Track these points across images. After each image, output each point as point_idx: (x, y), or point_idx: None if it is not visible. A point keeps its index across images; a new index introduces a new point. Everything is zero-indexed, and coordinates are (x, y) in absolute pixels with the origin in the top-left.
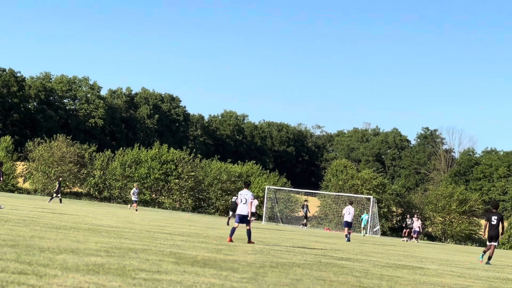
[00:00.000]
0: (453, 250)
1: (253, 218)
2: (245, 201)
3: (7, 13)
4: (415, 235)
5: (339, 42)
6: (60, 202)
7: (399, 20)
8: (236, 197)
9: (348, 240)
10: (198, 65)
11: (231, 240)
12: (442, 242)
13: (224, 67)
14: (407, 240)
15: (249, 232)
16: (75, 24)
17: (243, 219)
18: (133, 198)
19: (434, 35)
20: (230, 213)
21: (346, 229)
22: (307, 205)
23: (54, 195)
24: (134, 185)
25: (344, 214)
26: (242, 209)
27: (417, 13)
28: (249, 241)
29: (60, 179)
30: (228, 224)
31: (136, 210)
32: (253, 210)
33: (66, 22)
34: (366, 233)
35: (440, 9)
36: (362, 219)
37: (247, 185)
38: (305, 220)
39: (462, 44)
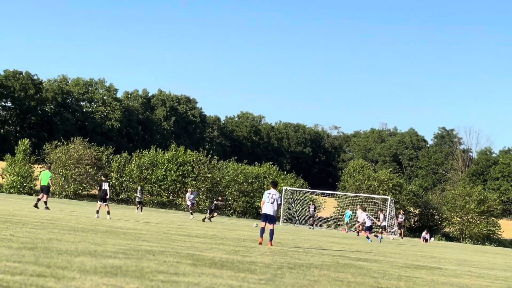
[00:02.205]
0: (471, 250)
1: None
2: (273, 201)
3: (24, 16)
4: (385, 231)
5: (356, 42)
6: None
7: (416, 18)
8: (215, 200)
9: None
10: (214, 66)
11: (261, 243)
12: (460, 242)
13: (240, 68)
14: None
15: (272, 233)
16: (91, 27)
17: (270, 219)
18: (188, 202)
19: (451, 35)
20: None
21: (367, 232)
22: (314, 205)
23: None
24: (189, 190)
25: (364, 219)
26: (268, 209)
27: (433, 11)
28: (270, 243)
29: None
30: (204, 220)
31: (192, 216)
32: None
33: (82, 25)
34: (348, 230)
35: (458, 7)
36: (345, 214)
37: (275, 184)
38: (311, 220)
39: (478, 43)
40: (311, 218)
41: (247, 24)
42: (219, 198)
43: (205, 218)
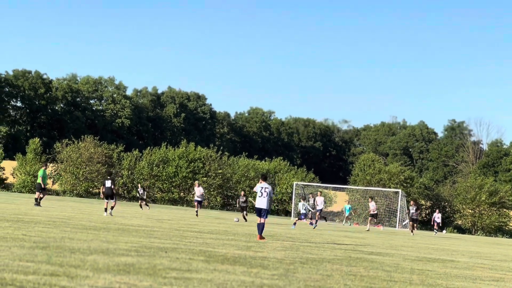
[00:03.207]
0: (483, 242)
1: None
2: (266, 195)
3: (32, 16)
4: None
5: (364, 35)
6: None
7: (424, 10)
8: (241, 197)
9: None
10: (223, 63)
11: (261, 238)
12: (472, 234)
13: (249, 64)
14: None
15: (262, 227)
16: (99, 25)
17: (264, 213)
18: (200, 198)
19: (459, 25)
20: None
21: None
22: (314, 198)
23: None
24: (196, 183)
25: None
26: (262, 203)
27: (439, 2)
28: (259, 237)
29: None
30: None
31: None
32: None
33: (90, 24)
34: (347, 223)
35: None
36: (345, 208)
37: (265, 178)
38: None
39: (487, 34)
40: (309, 212)
41: (256, 20)
42: (242, 193)
43: (240, 218)
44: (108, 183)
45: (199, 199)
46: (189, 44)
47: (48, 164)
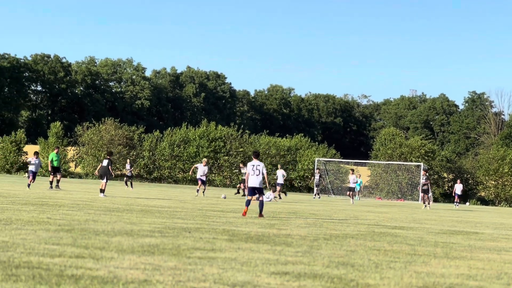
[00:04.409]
0: (507, 213)
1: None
2: (258, 173)
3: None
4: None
5: (383, 9)
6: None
7: None
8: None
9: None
10: (242, 41)
11: (245, 213)
12: (496, 205)
13: (268, 41)
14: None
15: (261, 204)
16: (117, 7)
17: (258, 191)
18: (203, 177)
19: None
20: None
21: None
22: (320, 174)
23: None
24: (204, 160)
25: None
26: (254, 181)
27: None
28: (260, 215)
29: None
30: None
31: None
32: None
33: (107, 5)
34: (356, 198)
35: None
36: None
37: (257, 155)
38: (315, 188)
39: (507, 2)
40: (316, 188)
41: None
42: (241, 165)
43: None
44: (105, 162)
45: (203, 178)
46: (208, 23)
47: (60, 147)
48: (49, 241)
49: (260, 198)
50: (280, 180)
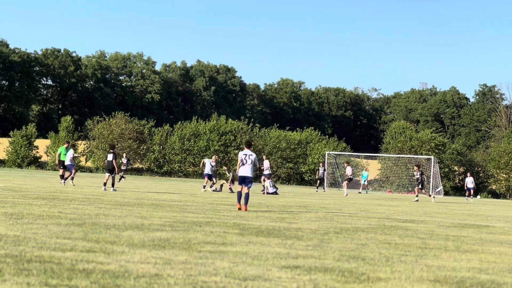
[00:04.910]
0: None
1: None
2: (250, 162)
3: None
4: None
5: (393, 3)
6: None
7: None
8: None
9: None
10: (252, 34)
11: (240, 208)
12: (507, 198)
13: (277, 35)
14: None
15: (247, 197)
16: (127, 0)
17: (247, 181)
18: (210, 172)
19: None
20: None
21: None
22: (324, 167)
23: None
24: (214, 157)
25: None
26: (245, 171)
27: None
28: (245, 208)
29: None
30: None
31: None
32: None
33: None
34: (364, 191)
35: None
36: (361, 175)
37: (249, 145)
38: (318, 181)
39: None
40: (319, 181)
41: None
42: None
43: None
44: (109, 157)
45: (210, 173)
46: (218, 17)
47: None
48: (60, 235)
49: (246, 191)
50: (267, 172)
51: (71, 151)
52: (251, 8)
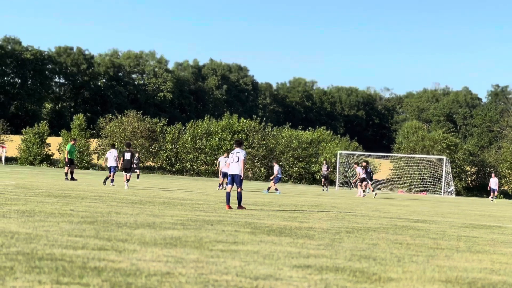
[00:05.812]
0: None
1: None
2: (237, 159)
3: None
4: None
5: (406, 2)
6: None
7: None
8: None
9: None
10: (264, 33)
11: (230, 207)
12: None
13: (290, 34)
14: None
15: (239, 196)
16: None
17: (237, 180)
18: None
19: None
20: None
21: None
22: (327, 165)
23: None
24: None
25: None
26: (234, 168)
27: None
28: (239, 206)
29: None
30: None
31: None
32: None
33: None
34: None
35: None
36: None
37: (240, 143)
38: (323, 180)
39: None
40: (323, 179)
41: None
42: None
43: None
44: (127, 156)
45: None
46: (230, 16)
47: (77, 139)
48: (72, 233)
49: (238, 190)
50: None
51: (113, 150)
52: (264, 7)
